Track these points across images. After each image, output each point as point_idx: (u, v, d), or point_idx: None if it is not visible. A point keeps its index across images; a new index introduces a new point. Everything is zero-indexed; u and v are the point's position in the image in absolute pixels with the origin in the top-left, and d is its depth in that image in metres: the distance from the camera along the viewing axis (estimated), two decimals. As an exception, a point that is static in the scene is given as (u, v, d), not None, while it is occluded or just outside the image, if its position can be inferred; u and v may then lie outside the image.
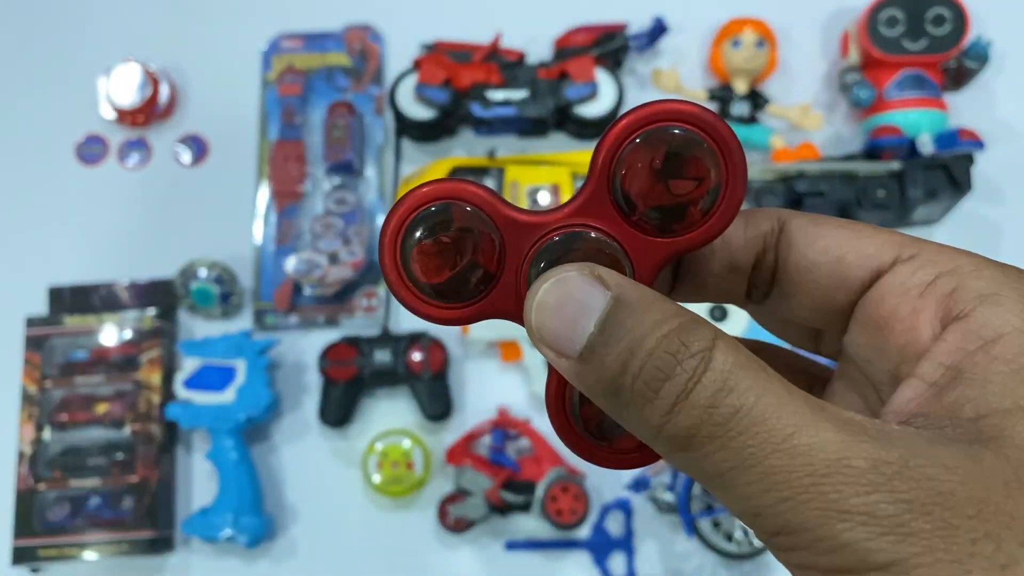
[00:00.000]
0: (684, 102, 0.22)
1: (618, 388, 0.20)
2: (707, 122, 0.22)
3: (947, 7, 0.78)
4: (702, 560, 0.76)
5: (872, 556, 0.17)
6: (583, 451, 0.24)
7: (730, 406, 0.18)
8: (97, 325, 0.80)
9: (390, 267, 0.23)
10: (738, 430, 0.18)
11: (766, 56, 0.83)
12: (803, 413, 0.18)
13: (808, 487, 0.18)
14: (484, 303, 0.23)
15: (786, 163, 0.79)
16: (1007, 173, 0.83)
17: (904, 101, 0.79)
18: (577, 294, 0.21)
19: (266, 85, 0.88)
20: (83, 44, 0.90)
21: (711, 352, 0.19)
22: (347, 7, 0.90)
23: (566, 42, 0.85)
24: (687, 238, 0.23)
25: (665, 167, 0.22)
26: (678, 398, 0.19)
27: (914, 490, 0.17)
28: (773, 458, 0.18)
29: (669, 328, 0.19)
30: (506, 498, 0.74)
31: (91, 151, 0.88)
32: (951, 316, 0.21)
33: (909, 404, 0.20)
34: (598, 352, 0.20)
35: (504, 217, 0.23)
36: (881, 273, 0.23)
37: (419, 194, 0.23)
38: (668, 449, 0.20)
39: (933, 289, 0.21)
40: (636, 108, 0.22)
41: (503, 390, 0.80)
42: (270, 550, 0.78)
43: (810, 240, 0.24)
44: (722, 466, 0.18)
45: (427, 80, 0.81)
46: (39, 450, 0.77)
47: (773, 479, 0.18)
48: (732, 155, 0.22)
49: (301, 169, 0.85)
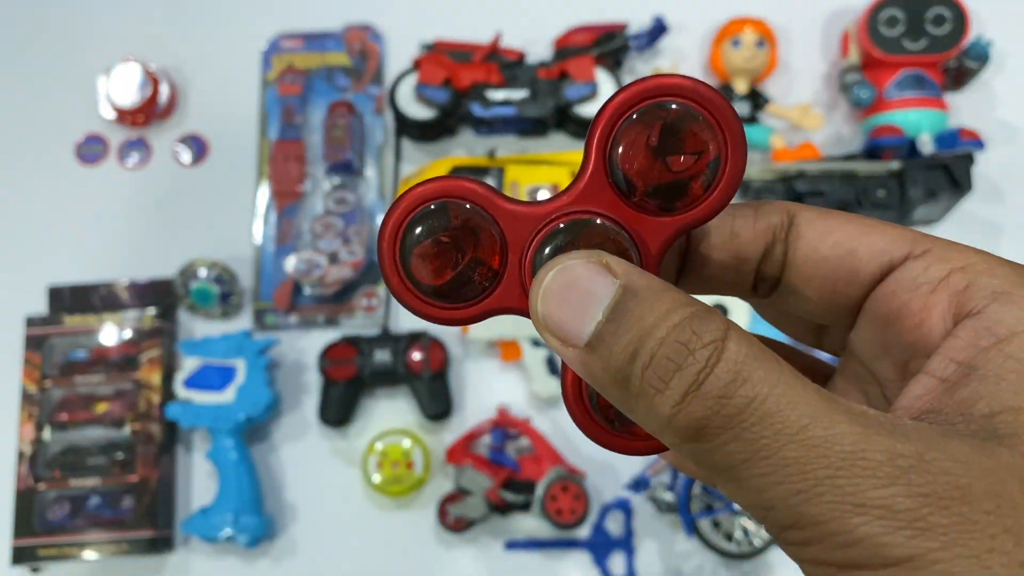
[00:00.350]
0: (675, 75, 0.22)
1: (627, 377, 0.19)
2: (700, 94, 0.21)
3: (947, 7, 0.78)
4: (702, 560, 0.75)
5: (889, 551, 0.17)
6: (602, 439, 0.23)
7: (743, 397, 0.18)
8: (97, 325, 0.80)
9: (391, 272, 0.22)
10: (751, 421, 0.18)
11: (766, 56, 0.83)
12: (817, 405, 0.18)
13: (823, 479, 0.17)
14: (490, 300, 0.23)
15: (786, 163, 0.79)
16: (1007, 173, 0.83)
17: (904, 101, 0.79)
18: (584, 282, 0.20)
19: (266, 85, 0.88)
20: (83, 44, 0.90)
21: (724, 342, 0.18)
22: (347, 7, 0.90)
23: (566, 42, 0.85)
24: (691, 215, 0.22)
25: (661, 144, 0.22)
26: (689, 388, 0.18)
27: (931, 484, 0.17)
28: (787, 450, 0.18)
29: (681, 317, 0.19)
30: (506, 498, 0.74)
31: (91, 151, 0.88)
32: (963, 313, 0.21)
33: (920, 400, 0.20)
34: (607, 341, 0.19)
35: (502, 210, 0.23)
36: (892, 268, 0.22)
37: (413, 195, 0.22)
38: (678, 440, 0.19)
39: (945, 285, 0.21)
40: (626, 86, 0.22)
41: (503, 390, 0.80)
42: (270, 550, 0.78)
43: (820, 234, 0.23)
44: (735, 457, 0.18)
45: (427, 80, 0.81)
46: (39, 450, 0.77)
47: (787, 471, 0.17)
48: (729, 125, 0.22)
49: (301, 169, 0.85)
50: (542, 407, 0.79)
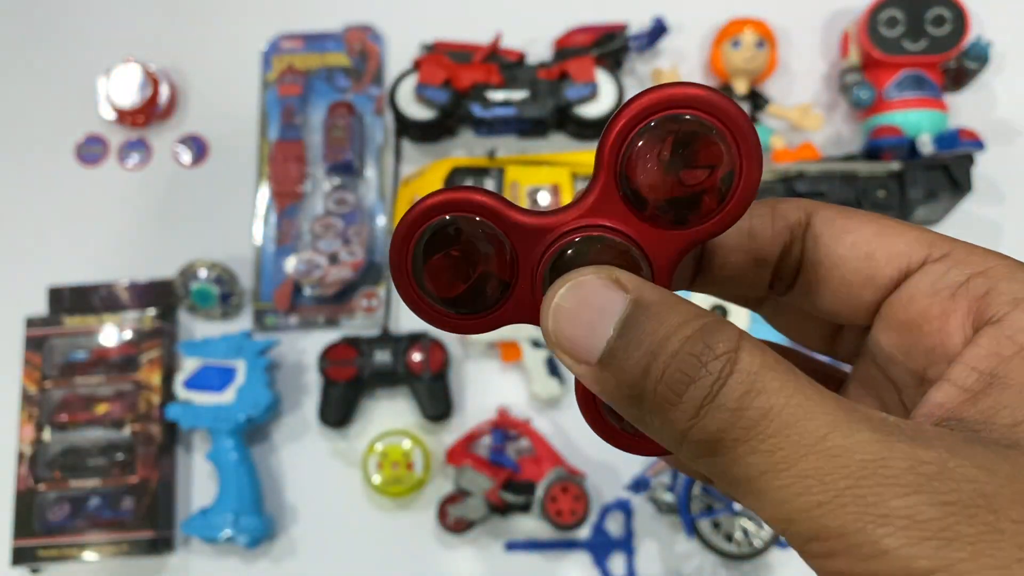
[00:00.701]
0: (687, 85, 0.21)
1: (640, 393, 0.19)
2: (714, 104, 0.21)
3: (947, 8, 0.78)
4: (702, 561, 0.76)
5: (914, 563, 0.16)
6: (619, 442, 0.23)
7: (759, 408, 0.18)
8: (97, 325, 0.80)
9: (404, 285, 0.22)
10: (769, 432, 0.18)
11: (766, 56, 0.83)
12: (836, 414, 0.18)
13: (844, 490, 0.17)
14: (502, 311, 0.23)
15: (786, 163, 0.79)
16: (1007, 173, 0.83)
17: (904, 101, 0.79)
18: (594, 298, 0.20)
19: (266, 85, 0.88)
20: (83, 44, 0.90)
21: (737, 353, 0.18)
22: (347, 7, 0.90)
23: (566, 42, 0.85)
24: (704, 228, 0.22)
25: (674, 157, 0.21)
26: (704, 401, 0.18)
27: (955, 492, 0.17)
28: (807, 460, 0.17)
29: (692, 330, 0.19)
30: (506, 498, 0.74)
31: (91, 151, 0.88)
32: (984, 319, 0.20)
33: (941, 408, 0.20)
34: (618, 357, 0.19)
35: (513, 224, 0.22)
36: (910, 272, 0.22)
37: (423, 208, 0.22)
38: (695, 454, 0.19)
39: (965, 291, 0.21)
40: (636, 97, 0.21)
41: (503, 390, 0.80)
42: (270, 550, 0.78)
43: (838, 234, 0.23)
44: (753, 470, 0.18)
45: (427, 80, 0.81)
46: (39, 450, 0.77)
47: (807, 482, 0.17)
48: (744, 136, 0.21)
49: (301, 169, 0.85)
50: (542, 408, 0.79)
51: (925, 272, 0.22)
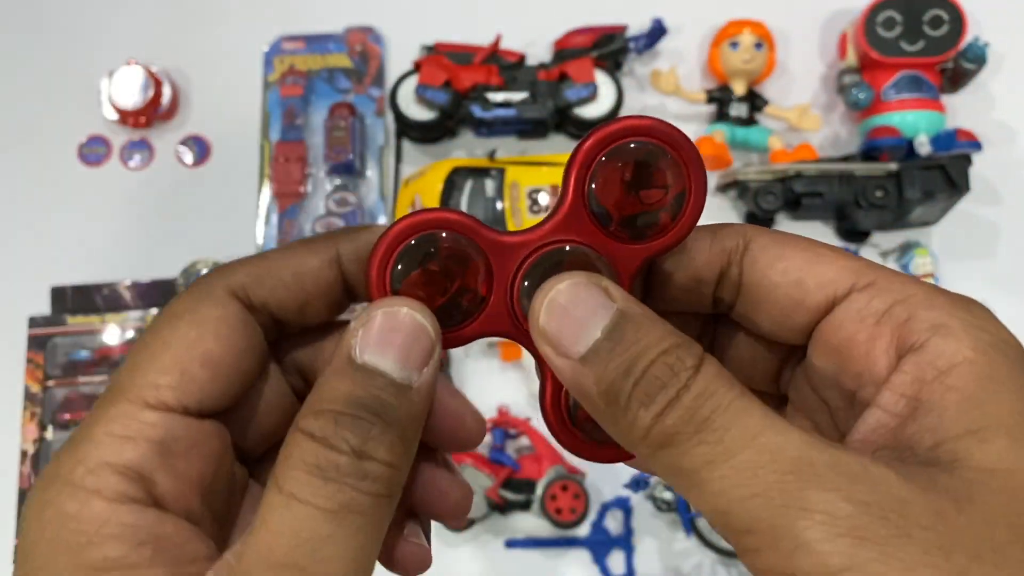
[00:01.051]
0: (644, 118, 0.24)
1: (617, 391, 0.21)
2: (666, 134, 0.24)
3: (945, 9, 0.79)
4: (700, 558, 0.76)
5: (829, 559, 0.17)
6: (583, 451, 0.26)
7: (710, 407, 0.20)
8: (100, 325, 0.81)
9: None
10: (714, 427, 0.20)
11: (764, 58, 0.83)
12: (772, 416, 0.20)
13: (773, 483, 0.18)
14: (477, 324, 0.25)
15: (784, 164, 0.79)
16: (1005, 174, 0.83)
17: (902, 102, 0.80)
18: (588, 299, 0.22)
19: (268, 86, 0.89)
20: (85, 46, 0.91)
21: (700, 365, 0.21)
22: (348, 9, 0.90)
23: (566, 44, 0.85)
24: (660, 242, 0.25)
25: (634, 179, 0.24)
26: (669, 402, 0.20)
27: (873, 493, 0.18)
28: (745, 454, 0.19)
29: (670, 344, 0.21)
30: (506, 496, 0.75)
31: (94, 152, 0.88)
32: (906, 346, 0.22)
33: (874, 434, 0.21)
34: (602, 356, 0.21)
35: (488, 240, 0.24)
36: (838, 299, 0.24)
37: (402, 227, 0.24)
38: (651, 449, 0.21)
39: (888, 318, 0.22)
40: (601, 126, 0.24)
41: (503, 389, 0.80)
42: (271, 548, 0.78)
43: (771, 260, 0.25)
44: (698, 460, 0.20)
45: (427, 82, 0.82)
46: (42, 449, 0.78)
47: (744, 474, 0.19)
48: (692, 162, 0.24)
49: (302, 170, 0.85)
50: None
51: (851, 300, 0.23)
